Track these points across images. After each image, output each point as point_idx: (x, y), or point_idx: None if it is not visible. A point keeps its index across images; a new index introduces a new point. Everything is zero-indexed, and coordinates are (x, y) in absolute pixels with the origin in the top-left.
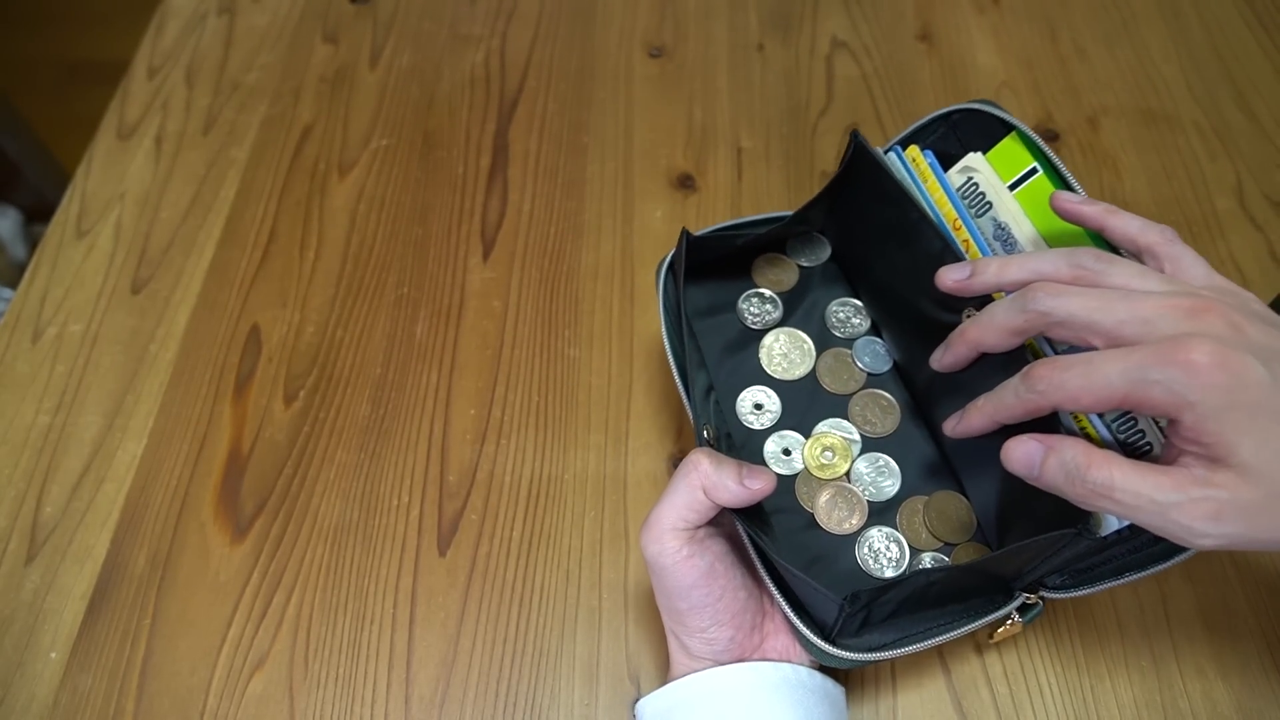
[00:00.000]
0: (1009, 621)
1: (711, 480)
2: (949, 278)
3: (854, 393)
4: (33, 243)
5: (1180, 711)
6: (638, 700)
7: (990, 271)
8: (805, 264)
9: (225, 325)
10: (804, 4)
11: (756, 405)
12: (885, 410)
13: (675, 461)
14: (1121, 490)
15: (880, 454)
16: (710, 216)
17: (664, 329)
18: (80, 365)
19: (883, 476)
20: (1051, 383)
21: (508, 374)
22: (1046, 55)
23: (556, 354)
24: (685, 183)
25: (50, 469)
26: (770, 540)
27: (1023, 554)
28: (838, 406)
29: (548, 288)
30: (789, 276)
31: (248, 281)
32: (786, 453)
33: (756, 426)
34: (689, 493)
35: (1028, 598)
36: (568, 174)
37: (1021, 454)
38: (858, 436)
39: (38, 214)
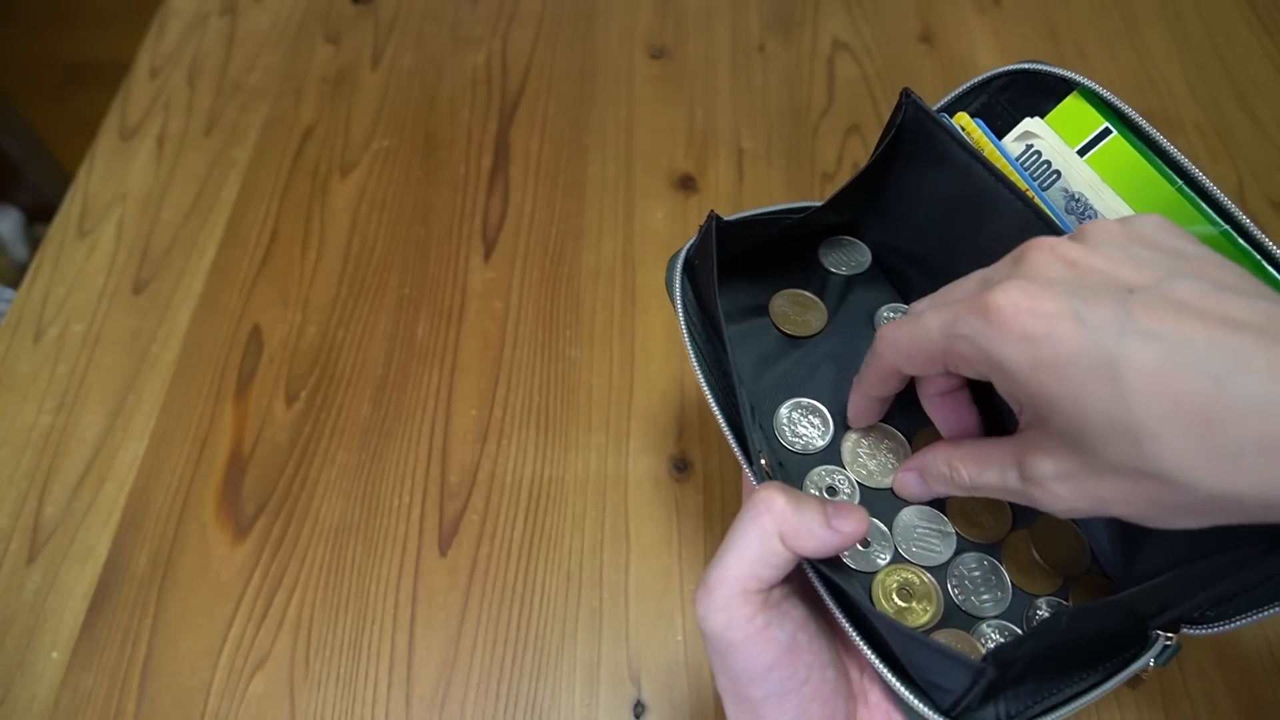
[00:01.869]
0: (1146, 669)
1: (791, 524)
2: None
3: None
4: (34, 243)
5: (1182, 712)
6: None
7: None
8: (842, 271)
9: (227, 325)
10: (805, 5)
11: (794, 428)
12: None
13: (677, 463)
14: (979, 485)
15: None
16: None
17: (687, 340)
18: (82, 365)
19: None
20: (886, 340)
21: (509, 374)
22: (1047, 56)
23: (558, 354)
24: (686, 183)
25: (52, 469)
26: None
27: (1195, 576)
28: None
29: (549, 288)
30: (825, 287)
31: (249, 282)
32: (832, 492)
33: (803, 448)
34: (762, 541)
35: (1168, 639)
36: (569, 175)
37: (909, 484)
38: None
39: (39, 214)
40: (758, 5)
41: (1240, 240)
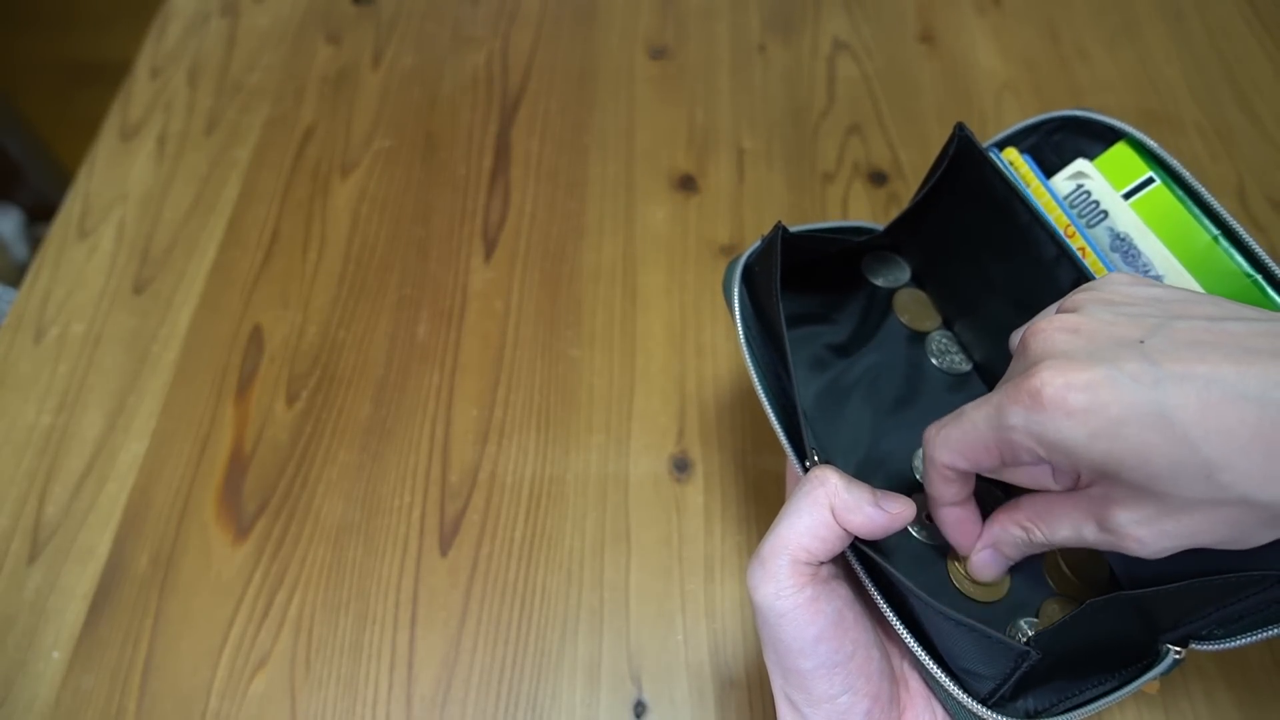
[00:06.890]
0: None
1: (843, 498)
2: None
3: None
4: (35, 243)
5: (1181, 711)
6: None
7: None
8: (881, 284)
9: (228, 326)
10: (805, 5)
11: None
12: None
13: (677, 462)
14: (1059, 538)
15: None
16: (712, 218)
17: (743, 341)
18: (83, 365)
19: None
20: (936, 442)
21: (509, 374)
22: (1048, 56)
23: (558, 354)
24: (687, 184)
25: (53, 469)
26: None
27: (1211, 592)
28: None
29: (549, 288)
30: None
31: (250, 282)
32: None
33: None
34: (815, 514)
35: (1177, 652)
36: (569, 175)
37: (988, 564)
38: None
39: (40, 214)
40: (758, 5)
41: (1269, 289)
